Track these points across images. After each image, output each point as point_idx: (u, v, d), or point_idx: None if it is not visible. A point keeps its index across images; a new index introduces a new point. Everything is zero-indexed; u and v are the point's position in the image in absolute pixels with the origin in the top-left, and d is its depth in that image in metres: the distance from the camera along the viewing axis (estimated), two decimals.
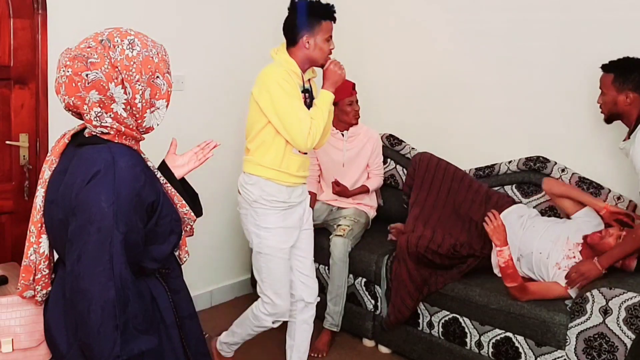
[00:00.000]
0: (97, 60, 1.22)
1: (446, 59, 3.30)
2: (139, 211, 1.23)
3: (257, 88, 2.23)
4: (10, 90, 2.47)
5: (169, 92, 1.32)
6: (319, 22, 2.22)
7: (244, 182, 2.29)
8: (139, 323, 1.21)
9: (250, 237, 2.33)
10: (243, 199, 2.30)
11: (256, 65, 3.45)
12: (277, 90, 2.16)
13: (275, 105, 2.16)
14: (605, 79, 2.39)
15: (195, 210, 1.53)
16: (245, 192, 2.28)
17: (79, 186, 1.19)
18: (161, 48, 1.32)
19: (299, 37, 2.23)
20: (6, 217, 2.53)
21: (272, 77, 2.18)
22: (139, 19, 2.72)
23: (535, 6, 2.94)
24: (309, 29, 2.22)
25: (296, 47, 2.26)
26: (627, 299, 2.12)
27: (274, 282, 2.32)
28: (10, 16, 2.42)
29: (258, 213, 2.26)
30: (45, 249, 1.33)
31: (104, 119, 1.24)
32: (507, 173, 3.02)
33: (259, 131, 2.24)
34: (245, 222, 2.33)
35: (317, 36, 2.23)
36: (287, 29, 2.28)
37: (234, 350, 2.60)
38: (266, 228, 2.26)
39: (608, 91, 2.37)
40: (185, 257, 1.46)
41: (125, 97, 1.24)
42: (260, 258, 2.31)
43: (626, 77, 2.32)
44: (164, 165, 1.57)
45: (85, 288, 1.16)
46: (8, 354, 1.48)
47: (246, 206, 2.29)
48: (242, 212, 2.33)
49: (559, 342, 2.28)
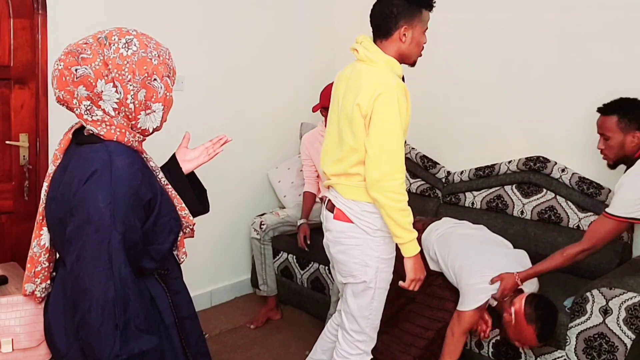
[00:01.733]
0: (89, 56, 1.22)
1: (446, 59, 3.30)
2: (137, 210, 1.22)
3: (370, 100, 1.82)
4: (10, 90, 2.47)
5: (166, 95, 1.30)
6: (419, 11, 1.90)
7: (360, 210, 1.94)
8: (141, 322, 1.21)
9: (362, 270, 1.96)
10: (359, 229, 1.95)
11: (256, 65, 3.49)
12: (395, 112, 1.81)
13: (386, 128, 1.82)
14: (609, 122, 2.27)
15: (203, 206, 1.53)
16: (364, 222, 1.94)
17: (76, 186, 1.19)
18: (165, 52, 1.31)
19: (395, 28, 1.89)
20: (6, 217, 2.54)
21: (394, 93, 1.81)
22: (139, 18, 2.73)
23: (535, 6, 2.94)
24: (409, 19, 1.89)
25: (389, 40, 1.91)
26: (627, 299, 2.11)
27: (377, 317, 2.04)
28: (10, 16, 2.42)
29: (380, 243, 1.96)
30: (46, 241, 1.33)
31: (94, 112, 1.24)
32: (507, 173, 3.02)
33: None
34: (356, 254, 1.96)
35: (416, 28, 1.90)
36: (381, 18, 1.91)
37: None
38: (389, 259, 1.99)
39: (613, 134, 2.25)
40: (183, 257, 1.46)
41: (117, 97, 1.23)
42: (374, 293, 1.98)
43: (631, 117, 2.22)
44: (174, 159, 1.57)
45: (86, 288, 1.16)
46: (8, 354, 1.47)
47: (363, 236, 1.95)
48: (353, 243, 1.96)
49: (559, 342, 2.28)
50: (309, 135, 3.30)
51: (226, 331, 3.10)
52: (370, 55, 1.91)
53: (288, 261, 3.28)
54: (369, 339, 2.05)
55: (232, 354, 2.86)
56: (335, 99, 2.03)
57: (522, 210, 2.94)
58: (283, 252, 3.30)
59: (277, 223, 3.25)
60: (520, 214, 2.94)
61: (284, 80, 3.63)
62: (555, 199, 2.84)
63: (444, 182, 3.28)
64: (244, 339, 3.03)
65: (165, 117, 1.34)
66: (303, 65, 3.73)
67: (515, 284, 2.21)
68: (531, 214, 2.90)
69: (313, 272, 3.17)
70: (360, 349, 2.04)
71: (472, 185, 3.14)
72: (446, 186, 3.26)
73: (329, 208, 2.05)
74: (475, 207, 3.12)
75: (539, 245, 2.80)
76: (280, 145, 3.67)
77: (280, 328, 3.17)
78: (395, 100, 1.80)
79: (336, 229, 2.00)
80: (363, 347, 2.04)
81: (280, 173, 3.58)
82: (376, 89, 1.81)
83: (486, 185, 3.09)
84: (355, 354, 2.04)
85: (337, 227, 1.99)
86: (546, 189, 2.88)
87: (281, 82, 3.62)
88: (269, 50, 3.52)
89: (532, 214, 2.90)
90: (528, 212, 2.92)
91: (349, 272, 1.99)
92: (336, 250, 2.02)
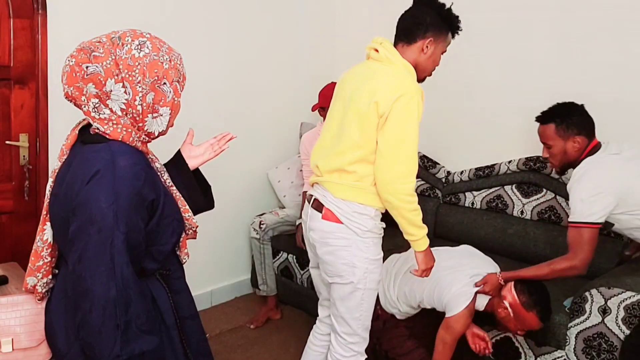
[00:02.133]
0: (101, 54, 1.22)
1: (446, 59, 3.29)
2: (140, 210, 1.23)
3: (390, 101, 1.78)
4: (10, 90, 2.47)
5: (174, 100, 1.31)
6: (446, 31, 1.93)
7: (351, 211, 1.89)
8: (143, 323, 1.21)
9: (350, 271, 1.92)
10: (348, 230, 1.90)
11: (256, 65, 3.49)
12: (415, 115, 1.80)
13: (405, 130, 1.80)
14: (548, 131, 2.24)
15: (207, 201, 1.53)
16: (354, 223, 1.90)
17: (79, 186, 1.19)
18: (177, 57, 1.31)
19: (421, 37, 1.89)
20: (6, 217, 2.54)
21: (415, 96, 1.79)
22: (140, 19, 2.72)
23: (535, 6, 2.94)
24: (437, 33, 1.90)
25: (411, 46, 1.90)
26: (626, 298, 2.12)
27: (368, 318, 2.01)
28: (10, 16, 2.42)
29: (369, 244, 1.93)
30: (49, 236, 1.34)
31: (101, 111, 1.24)
32: (507, 173, 3.02)
33: (374, 151, 1.86)
34: (344, 255, 1.91)
35: (438, 45, 1.93)
36: (411, 22, 1.90)
37: None
38: (377, 260, 1.96)
39: (554, 142, 2.22)
40: (184, 258, 1.46)
41: (125, 97, 1.24)
42: (363, 294, 1.95)
43: (569, 122, 2.19)
44: (178, 155, 1.57)
45: (87, 288, 1.16)
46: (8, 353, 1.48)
47: (353, 237, 1.91)
48: (342, 244, 1.92)
49: (559, 342, 2.28)
50: (309, 134, 3.30)
51: (226, 331, 3.10)
52: (390, 56, 1.89)
53: (288, 261, 3.28)
54: (361, 339, 2.03)
55: (232, 354, 2.86)
56: (341, 95, 1.99)
57: (522, 210, 2.94)
58: (283, 252, 3.30)
59: (276, 223, 3.25)
60: (520, 214, 2.95)
61: (284, 80, 3.63)
62: (555, 199, 2.84)
63: (444, 182, 3.29)
64: (244, 339, 3.03)
65: (172, 121, 1.35)
66: (303, 65, 3.74)
67: (499, 283, 2.19)
68: (531, 214, 2.91)
69: None
70: (354, 350, 2.03)
71: (472, 185, 3.15)
72: (446, 186, 3.26)
73: (315, 207, 1.99)
74: (475, 207, 3.12)
75: (538, 245, 2.81)
76: (280, 145, 3.67)
77: (280, 328, 3.17)
78: (416, 103, 1.79)
79: (324, 229, 1.95)
80: (356, 348, 2.03)
81: (280, 173, 3.58)
82: (397, 90, 1.78)
83: (486, 185, 3.09)
84: (349, 356, 2.02)
85: (325, 228, 1.94)
86: (546, 189, 2.89)
87: (281, 82, 3.62)
88: (269, 50, 3.52)
89: (532, 214, 2.90)
90: (528, 212, 2.92)
91: (335, 273, 1.95)
92: (323, 251, 1.96)
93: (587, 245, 2.09)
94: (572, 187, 2.15)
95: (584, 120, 2.22)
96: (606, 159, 2.15)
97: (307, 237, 2.07)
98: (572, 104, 2.26)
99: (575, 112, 2.23)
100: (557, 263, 2.16)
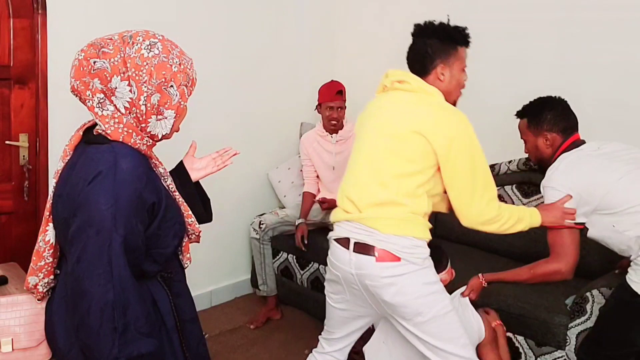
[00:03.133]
0: (110, 51, 1.22)
1: None
2: (140, 213, 1.22)
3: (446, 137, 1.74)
4: (10, 90, 2.47)
5: (180, 104, 1.30)
6: (455, 48, 1.87)
7: (410, 244, 1.76)
8: (141, 326, 1.21)
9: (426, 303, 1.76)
10: (409, 263, 1.76)
11: (257, 66, 3.48)
12: (476, 140, 1.80)
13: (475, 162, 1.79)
14: (521, 126, 2.20)
15: (206, 215, 1.54)
16: (413, 255, 1.76)
17: (81, 186, 1.19)
18: (188, 61, 1.32)
19: (432, 67, 1.86)
20: (6, 217, 2.54)
21: (464, 120, 1.78)
22: (140, 19, 2.72)
23: (535, 6, 2.94)
24: (444, 57, 1.86)
25: (428, 78, 1.86)
26: None
27: (463, 335, 1.83)
28: (10, 16, 2.42)
29: (430, 267, 1.82)
30: (51, 237, 1.33)
31: (105, 107, 1.24)
32: (507, 173, 3.02)
33: (424, 182, 1.78)
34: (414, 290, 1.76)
35: (453, 66, 1.87)
36: (418, 57, 1.88)
37: None
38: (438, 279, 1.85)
39: (527, 137, 2.18)
40: (187, 263, 1.46)
41: (130, 96, 1.24)
42: (453, 315, 1.82)
43: (539, 119, 2.12)
44: (182, 166, 1.57)
45: (85, 289, 1.16)
46: (8, 353, 1.48)
47: (415, 269, 1.77)
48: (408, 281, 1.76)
49: (559, 342, 2.28)
50: (307, 135, 3.31)
51: (226, 331, 3.10)
52: (423, 87, 1.84)
53: (288, 261, 3.28)
54: (469, 354, 1.83)
55: (232, 354, 2.86)
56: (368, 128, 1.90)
57: None
58: (283, 252, 3.30)
59: (276, 223, 3.25)
60: None
61: (284, 80, 3.63)
62: None
63: None
64: (244, 339, 3.03)
65: (177, 126, 1.34)
66: (303, 65, 3.74)
67: (480, 284, 2.14)
68: None
69: (313, 272, 3.17)
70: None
71: None
72: None
73: (360, 250, 1.78)
74: None
75: (538, 245, 2.80)
76: (280, 145, 3.67)
77: (280, 328, 3.17)
78: (471, 128, 1.79)
79: (381, 274, 1.75)
80: None
81: (280, 173, 3.58)
82: (451, 125, 1.76)
83: None
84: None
85: (384, 271, 1.74)
86: None
87: (281, 83, 3.62)
88: (270, 50, 3.52)
89: None
90: None
91: (415, 312, 1.75)
92: (391, 294, 1.75)
93: (570, 248, 1.99)
94: (545, 186, 2.06)
95: (559, 117, 2.12)
96: (571, 156, 2.05)
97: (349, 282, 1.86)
98: (551, 99, 2.18)
99: (551, 108, 2.14)
100: (538, 267, 2.05)
